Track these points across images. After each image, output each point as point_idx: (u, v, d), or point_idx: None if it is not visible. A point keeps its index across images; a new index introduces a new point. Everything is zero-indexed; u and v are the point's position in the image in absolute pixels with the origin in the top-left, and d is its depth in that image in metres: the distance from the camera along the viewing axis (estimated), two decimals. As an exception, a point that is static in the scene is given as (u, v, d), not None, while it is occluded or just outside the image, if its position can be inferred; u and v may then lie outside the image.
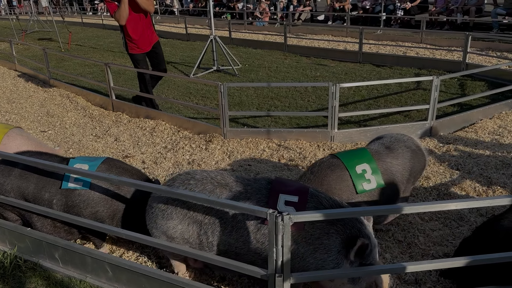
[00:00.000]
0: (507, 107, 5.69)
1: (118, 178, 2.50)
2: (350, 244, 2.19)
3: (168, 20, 17.80)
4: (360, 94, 6.79)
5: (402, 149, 3.05)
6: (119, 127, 5.70)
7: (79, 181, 2.84)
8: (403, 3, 12.96)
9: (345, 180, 2.79)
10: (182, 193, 2.26)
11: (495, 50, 9.36)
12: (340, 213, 2.13)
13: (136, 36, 5.74)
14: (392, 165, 2.94)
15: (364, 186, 2.79)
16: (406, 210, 2.15)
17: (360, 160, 2.86)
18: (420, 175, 3.24)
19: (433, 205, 2.16)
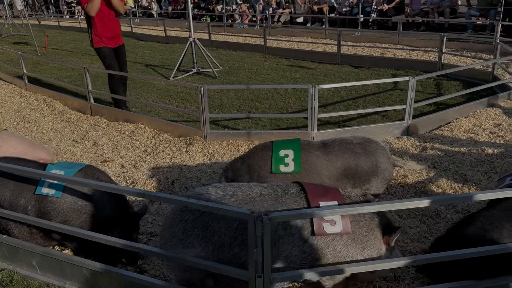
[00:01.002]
0: (482, 106, 5.84)
1: (84, 180, 2.45)
2: (388, 232, 2.34)
3: (146, 23, 17.66)
4: (339, 95, 6.87)
5: (338, 148, 3.17)
6: (97, 131, 5.63)
7: (52, 188, 2.79)
8: (380, 5, 13.16)
9: (266, 160, 3.13)
10: (155, 195, 2.25)
11: (469, 51, 9.59)
12: (317, 212, 2.15)
13: (103, 30, 5.82)
14: (317, 158, 3.11)
15: (280, 168, 3.08)
16: (386, 207, 2.21)
17: (288, 146, 3.14)
18: (369, 178, 3.17)
19: (410, 202, 2.22)
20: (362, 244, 2.30)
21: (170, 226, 2.33)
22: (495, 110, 5.71)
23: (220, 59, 10.07)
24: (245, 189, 2.35)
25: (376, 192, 3.23)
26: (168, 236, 2.32)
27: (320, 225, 2.23)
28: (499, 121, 5.38)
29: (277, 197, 2.32)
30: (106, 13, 5.79)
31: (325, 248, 2.26)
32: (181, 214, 2.30)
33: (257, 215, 2.01)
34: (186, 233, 2.26)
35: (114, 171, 4.38)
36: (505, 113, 5.61)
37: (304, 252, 2.24)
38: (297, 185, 2.43)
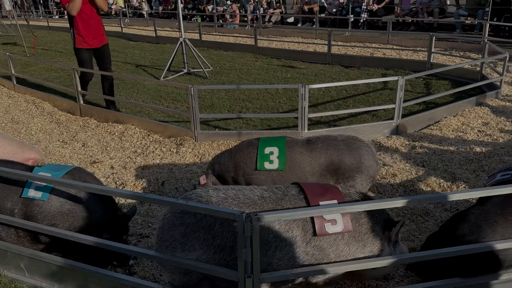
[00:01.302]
0: (470, 105, 5.90)
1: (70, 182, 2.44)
2: (389, 227, 2.36)
3: (137, 23, 17.57)
4: (329, 95, 6.89)
5: (322, 145, 3.23)
6: (87, 132, 5.59)
7: (38, 191, 2.75)
8: (370, 5, 13.24)
9: (251, 157, 3.22)
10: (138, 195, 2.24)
11: (458, 50, 9.69)
12: (306, 212, 2.16)
13: (86, 29, 5.82)
14: (301, 155, 3.18)
15: (265, 165, 3.16)
16: (375, 206, 2.22)
17: (273, 143, 3.21)
18: (353, 174, 3.19)
19: (399, 201, 2.23)
20: (363, 242, 2.31)
21: (169, 229, 2.26)
22: (483, 109, 5.77)
23: (211, 59, 10.05)
24: (247, 192, 2.32)
25: (360, 189, 3.24)
26: (167, 239, 2.26)
27: (322, 226, 2.23)
28: (487, 119, 5.44)
29: (278, 200, 2.31)
30: (88, 12, 5.78)
31: (328, 248, 2.26)
32: (181, 217, 2.25)
33: (246, 216, 2.01)
34: (186, 237, 2.22)
35: (104, 172, 4.35)
36: (493, 112, 5.68)
37: (307, 254, 2.24)
38: (296, 186, 2.42)
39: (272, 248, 2.21)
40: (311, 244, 2.23)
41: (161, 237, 2.29)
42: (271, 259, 2.21)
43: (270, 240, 2.20)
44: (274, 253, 2.21)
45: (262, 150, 3.20)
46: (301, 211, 2.17)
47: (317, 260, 2.25)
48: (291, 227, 2.23)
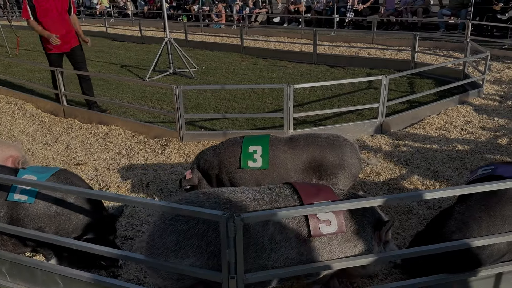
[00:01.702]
0: (453, 103, 5.98)
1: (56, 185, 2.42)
2: (379, 227, 2.37)
3: (122, 23, 17.41)
4: (315, 94, 6.92)
5: (304, 142, 3.26)
6: (70, 133, 5.52)
7: (24, 194, 2.72)
8: (355, 5, 13.32)
9: (235, 155, 3.24)
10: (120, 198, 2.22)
11: (441, 49, 9.82)
12: (290, 212, 2.16)
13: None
14: (283, 152, 3.21)
15: (248, 164, 3.19)
16: (358, 205, 2.24)
17: (257, 142, 3.24)
18: (336, 171, 3.21)
19: (384, 199, 2.25)
20: (355, 242, 2.33)
21: (161, 237, 2.22)
22: (466, 107, 5.86)
23: (197, 59, 10.01)
24: (238, 195, 2.31)
25: (342, 187, 3.26)
26: (159, 246, 2.21)
27: (317, 227, 2.24)
28: (470, 118, 5.52)
29: (271, 201, 2.31)
30: (54, 18, 5.73)
31: (322, 249, 2.27)
32: (173, 224, 2.21)
33: (228, 216, 2.00)
34: (179, 244, 2.18)
35: (88, 174, 4.30)
36: (475, 110, 5.77)
37: (302, 254, 2.25)
38: (289, 187, 2.41)
39: (267, 250, 2.21)
40: (306, 245, 2.25)
41: (152, 244, 2.25)
42: (266, 262, 2.22)
43: (265, 243, 2.20)
44: (270, 255, 2.21)
45: (246, 148, 3.22)
46: (285, 211, 2.17)
47: (311, 260, 2.27)
48: (286, 228, 2.23)
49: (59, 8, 5.77)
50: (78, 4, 22.65)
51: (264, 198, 2.31)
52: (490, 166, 2.97)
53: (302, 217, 2.27)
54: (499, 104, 6.01)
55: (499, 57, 8.69)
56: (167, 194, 3.84)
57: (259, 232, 2.20)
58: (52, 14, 5.72)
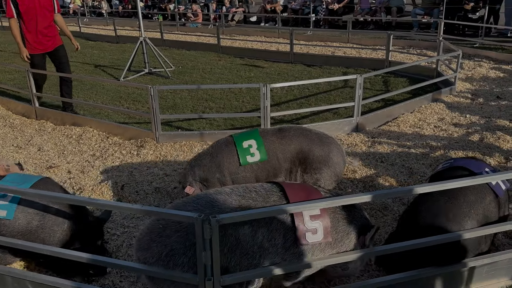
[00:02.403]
0: (426, 101, 6.10)
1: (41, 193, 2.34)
2: (363, 232, 2.40)
3: (96, 22, 17.09)
4: (292, 93, 6.95)
5: (293, 132, 3.31)
6: (42, 136, 5.38)
7: (2, 209, 2.58)
8: (330, 4, 13.44)
9: (233, 155, 3.23)
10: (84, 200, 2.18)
11: (415, 48, 9.99)
12: (266, 212, 2.16)
13: (34, 37, 5.63)
14: (272, 143, 3.24)
15: (248, 159, 3.19)
16: (335, 203, 2.26)
17: (249, 137, 3.26)
18: (321, 167, 3.26)
19: (360, 197, 2.27)
20: (337, 249, 2.35)
21: (152, 253, 2.16)
22: (439, 105, 5.98)
23: (173, 58, 9.92)
24: (222, 206, 2.24)
25: (326, 185, 3.29)
26: (153, 262, 2.17)
27: (303, 235, 2.25)
28: (443, 115, 5.64)
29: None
30: (36, 17, 5.55)
31: (305, 256, 2.29)
32: (163, 240, 2.15)
33: (204, 218, 1.98)
34: (170, 256, 2.15)
35: (61, 178, 4.20)
36: (448, 108, 5.89)
37: (285, 260, 2.26)
38: (278, 190, 2.37)
39: (257, 257, 2.22)
40: (290, 251, 2.26)
41: (144, 256, 2.19)
42: (256, 267, 2.23)
43: (255, 251, 2.21)
44: (259, 261, 2.22)
45: (240, 145, 3.21)
46: (263, 211, 2.17)
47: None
48: (274, 235, 2.24)
49: (42, 4, 5.59)
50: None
51: (251, 206, 2.28)
52: (449, 160, 3.08)
53: (290, 224, 2.26)
54: (471, 101, 6.17)
55: (471, 55, 8.92)
56: (143, 196, 3.79)
57: (249, 242, 2.20)
58: (34, 11, 5.54)
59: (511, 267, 2.67)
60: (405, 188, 2.39)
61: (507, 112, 5.57)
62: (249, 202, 2.28)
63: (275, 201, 2.31)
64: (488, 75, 7.44)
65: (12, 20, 5.53)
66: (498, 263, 2.63)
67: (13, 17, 5.50)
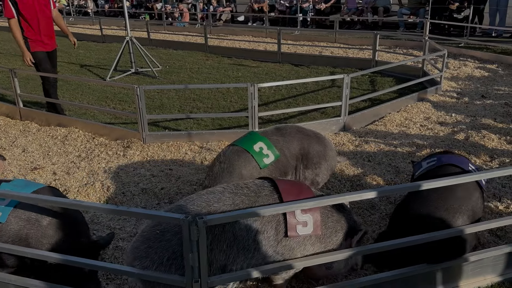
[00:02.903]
0: (413, 101, 6.15)
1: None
2: (351, 235, 2.46)
3: (82, 22, 16.89)
4: (280, 93, 6.95)
5: (291, 130, 3.37)
6: (27, 137, 5.30)
7: None
8: (317, 4, 13.49)
9: (250, 161, 3.15)
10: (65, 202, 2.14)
11: (401, 48, 10.08)
12: (254, 212, 2.15)
13: (38, 35, 5.44)
14: (277, 141, 3.26)
15: (265, 161, 3.16)
16: (325, 202, 2.28)
17: (254, 140, 3.21)
18: (320, 161, 3.34)
19: (348, 196, 2.30)
20: (325, 244, 2.39)
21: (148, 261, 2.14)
22: (425, 104, 6.03)
23: (160, 58, 9.85)
24: (217, 205, 2.24)
25: (323, 180, 3.42)
26: (154, 268, 2.14)
27: (293, 227, 2.28)
28: (429, 114, 5.69)
29: (252, 203, 2.31)
30: (38, 14, 5.37)
31: (296, 248, 2.32)
32: (163, 245, 2.14)
33: (191, 220, 1.97)
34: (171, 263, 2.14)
35: (45, 179, 4.14)
36: (434, 107, 5.95)
37: (278, 253, 2.29)
38: (269, 185, 2.41)
39: (252, 250, 2.24)
40: (282, 244, 2.29)
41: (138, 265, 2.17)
42: (250, 261, 2.25)
43: (250, 244, 2.23)
44: (254, 254, 2.25)
45: (252, 150, 3.15)
46: (247, 212, 2.16)
47: (286, 259, 2.32)
48: (266, 228, 2.27)
49: (40, 1, 5.39)
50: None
51: (244, 201, 2.30)
52: (432, 158, 3.12)
53: (281, 217, 2.29)
54: (456, 100, 6.24)
55: (456, 55, 9.02)
56: (130, 198, 3.74)
57: (245, 236, 2.22)
58: (34, 9, 5.33)
59: (496, 264, 2.70)
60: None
61: (491, 111, 5.64)
62: (242, 198, 2.31)
63: (267, 195, 2.35)
64: (473, 75, 7.53)
65: (12, 20, 5.26)
66: (484, 261, 2.66)
67: (13, 17, 5.24)
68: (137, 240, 2.23)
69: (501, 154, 4.35)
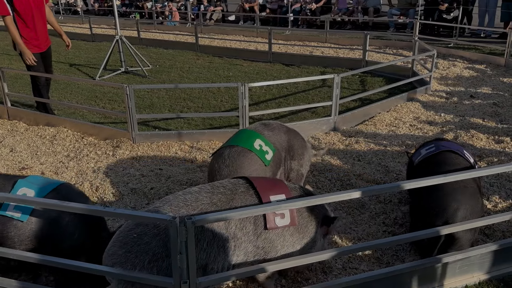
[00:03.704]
0: (402, 100, 6.19)
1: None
2: (326, 222, 2.54)
3: (71, 20, 16.73)
4: (271, 93, 6.95)
5: (275, 125, 3.46)
6: (15, 136, 5.23)
7: (18, 209, 2.43)
8: (308, 4, 13.52)
9: (255, 160, 3.13)
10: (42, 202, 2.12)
11: (391, 48, 10.14)
12: (242, 212, 2.14)
13: (32, 36, 5.34)
14: (269, 136, 3.31)
15: (267, 158, 3.19)
16: (315, 202, 2.30)
17: (251, 138, 3.21)
18: (303, 152, 3.45)
19: (337, 195, 2.30)
20: (303, 234, 2.45)
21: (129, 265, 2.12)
22: (414, 104, 6.08)
23: (150, 57, 9.79)
24: (194, 205, 2.25)
25: (305, 171, 3.51)
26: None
27: (272, 219, 2.34)
28: (418, 114, 5.73)
29: (229, 201, 2.33)
30: (34, 14, 5.26)
31: (276, 240, 2.38)
32: (142, 248, 2.11)
33: (179, 220, 1.95)
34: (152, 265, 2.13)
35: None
36: (423, 107, 5.99)
37: (258, 247, 2.33)
38: (244, 182, 2.46)
39: (232, 247, 2.26)
40: (262, 237, 2.33)
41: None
42: (231, 258, 2.27)
43: (230, 241, 2.25)
44: (234, 251, 2.27)
45: (254, 148, 3.15)
46: (238, 211, 2.15)
47: (266, 252, 2.36)
48: (245, 224, 2.30)
49: (36, 7, 5.29)
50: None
51: (222, 199, 2.33)
52: (430, 144, 3.22)
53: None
54: (446, 100, 6.29)
55: (445, 55, 9.10)
56: (119, 198, 3.72)
57: (223, 234, 2.24)
58: (29, 5, 5.21)
59: (483, 262, 2.73)
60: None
61: (480, 111, 5.70)
62: (219, 197, 2.33)
63: (243, 192, 2.39)
64: (462, 75, 7.60)
65: (7, 18, 5.10)
66: (471, 258, 2.68)
67: (9, 14, 5.09)
68: (113, 246, 2.18)
69: (489, 154, 4.40)
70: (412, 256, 2.95)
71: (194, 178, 4.04)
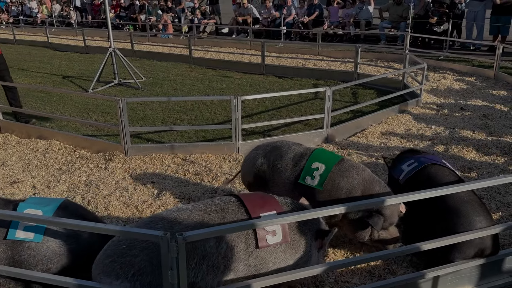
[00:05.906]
0: (393, 113, 6.26)
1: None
2: (321, 236, 2.52)
3: (65, 32, 16.76)
4: (264, 105, 6.99)
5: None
6: (6, 149, 5.21)
7: (29, 231, 2.36)
8: (300, 17, 13.67)
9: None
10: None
11: (382, 60, 10.25)
12: (232, 228, 2.15)
13: None
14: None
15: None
16: (305, 216, 2.32)
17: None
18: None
19: (329, 209, 2.32)
20: (295, 249, 2.43)
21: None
22: (405, 116, 6.14)
23: (144, 69, 9.82)
24: (186, 223, 2.25)
25: None
26: (118, 284, 2.11)
27: (263, 238, 2.31)
28: (409, 126, 5.79)
29: (220, 220, 2.32)
30: None
31: (268, 257, 2.35)
32: (127, 261, 2.11)
33: (170, 236, 1.96)
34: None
35: (25, 193, 4.07)
36: (414, 119, 6.06)
37: (250, 266, 2.31)
38: (235, 200, 2.45)
39: (222, 268, 2.24)
40: (253, 256, 2.31)
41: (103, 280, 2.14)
42: (220, 278, 2.24)
43: (220, 262, 2.23)
44: (224, 271, 2.24)
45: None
46: (228, 227, 2.16)
47: (257, 270, 2.33)
48: (236, 243, 2.28)
49: None
50: (18, 12, 21.59)
51: (213, 219, 2.33)
52: (409, 160, 3.17)
53: (250, 230, 2.31)
54: (436, 112, 6.36)
55: (436, 67, 9.22)
56: (111, 211, 3.71)
57: (214, 253, 2.22)
58: None
59: (473, 275, 2.75)
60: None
61: (470, 123, 5.77)
62: (211, 215, 2.33)
63: (234, 210, 2.39)
64: (453, 87, 7.71)
65: None
66: (461, 271, 2.70)
67: None
68: (102, 255, 2.21)
69: (479, 166, 4.45)
70: (404, 269, 2.97)
71: (187, 191, 4.04)
